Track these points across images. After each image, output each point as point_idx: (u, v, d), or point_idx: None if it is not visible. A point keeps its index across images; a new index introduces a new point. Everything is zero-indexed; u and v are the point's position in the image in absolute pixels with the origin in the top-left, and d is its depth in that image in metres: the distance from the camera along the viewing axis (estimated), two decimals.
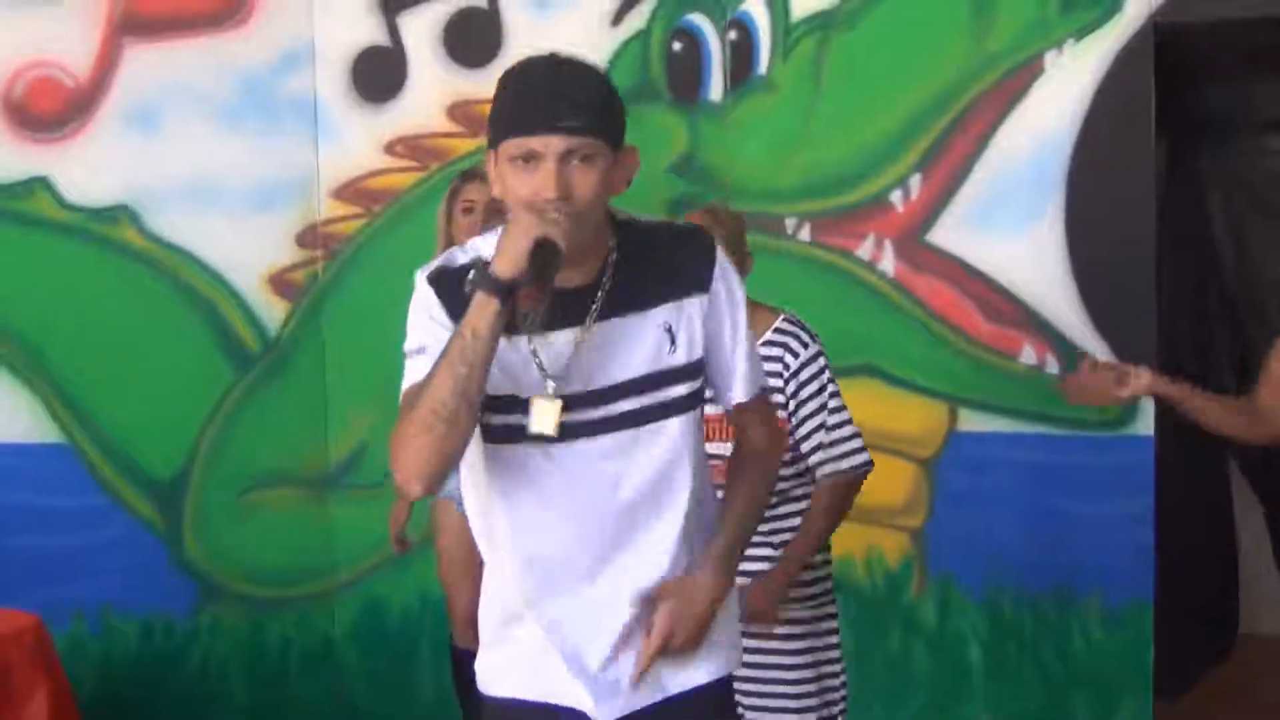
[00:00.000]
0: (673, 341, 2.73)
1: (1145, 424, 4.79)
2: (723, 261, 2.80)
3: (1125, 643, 4.87)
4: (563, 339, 2.70)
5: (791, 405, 3.73)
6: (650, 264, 2.74)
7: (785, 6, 5.08)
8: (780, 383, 3.72)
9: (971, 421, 4.98)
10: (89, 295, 5.21)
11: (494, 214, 4.45)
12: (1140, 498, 4.80)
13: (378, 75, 5.29)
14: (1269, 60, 5.02)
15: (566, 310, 2.65)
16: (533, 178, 2.57)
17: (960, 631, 5.03)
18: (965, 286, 4.93)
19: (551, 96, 2.57)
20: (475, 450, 2.75)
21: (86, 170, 5.18)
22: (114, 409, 5.22)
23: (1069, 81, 4.82)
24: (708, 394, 2.85)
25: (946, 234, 4.96)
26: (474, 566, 4.56)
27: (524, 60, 2.67)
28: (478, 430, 2.70)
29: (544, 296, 2.54)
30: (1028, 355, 4.92)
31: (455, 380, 2.52)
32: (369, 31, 5.28)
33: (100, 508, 5.22)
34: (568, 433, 2.70)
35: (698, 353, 2.76)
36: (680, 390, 2.75)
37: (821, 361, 3.78)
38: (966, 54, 4.92)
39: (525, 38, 5.19)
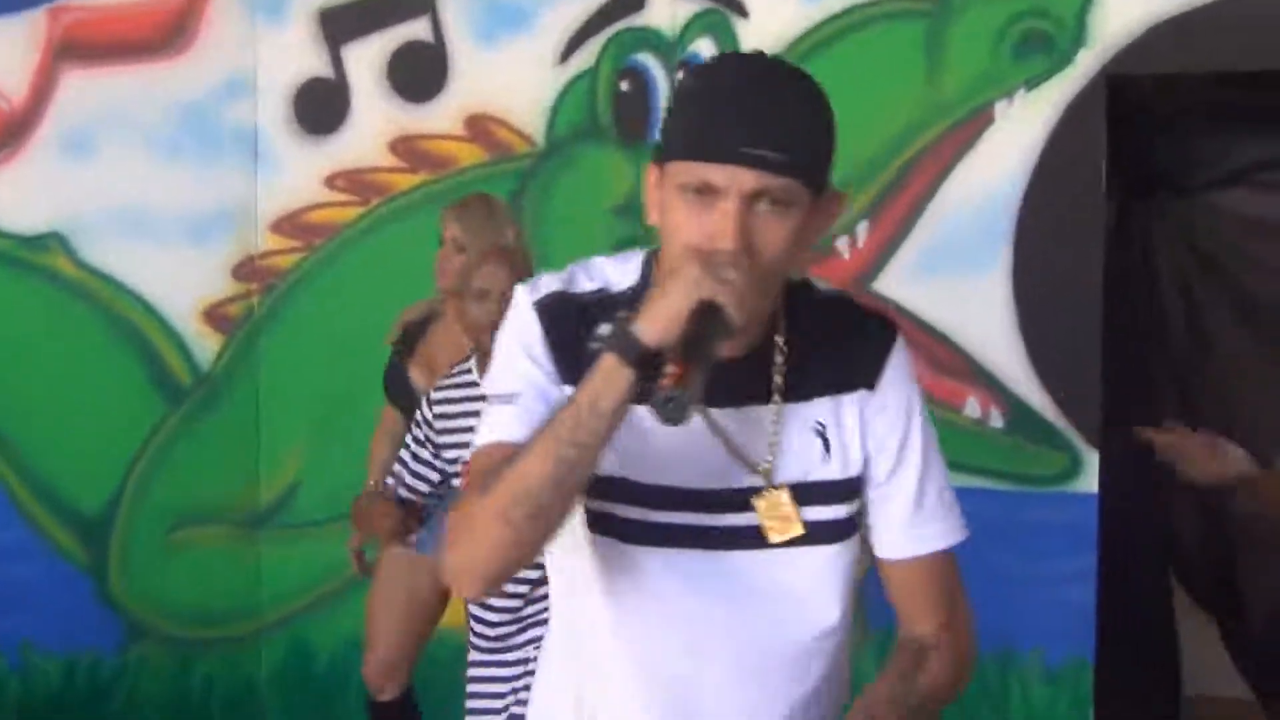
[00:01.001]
0: (826, 448, 2.09)
1: (1089, 481, 4.70)
2: (900, 356, 2.17)
3: (1064, 702, 4.77)
4: (739, 418, 2.06)
5: None
6: (820, 344, 2.11)
7: (735, 48, 4.94)
8: None
9: None
10: (17, 323, 5.13)
11: (457, 251, 4.25)
12: (1083, 555, 4.70)
13: (320, 107, 5.22)
14: (1220, 115, 4.93)
15: (724, 384, 2.01)
16: (705, 219, 1.94)
17: None
18: (910, 337, 4.73)
19: (749, 114, 1.93)
20: (581, 557, 2.13)
21: (18, 196, 5.11)
22: (40, 440, 5.13)
23: (1019, 132, 4.73)
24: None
25: (892, 283, 4.85)
26: (399, 618, 4.52)
27: (722, 57, 2.10)
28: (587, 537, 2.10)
29: (696, 378, 1.86)
30: (972, 408, 4.82)
31: (556, 466, 1.90)
32: (312, 63, 5.20)
33: (23, 541, 5.12)
34: (698, 539, 2.08)
35: (855, 468, 2.10)
36: (842, 511, 2.10)
37: None
38: (917, 101, 4.83)
39: (471, 72, 5.14)
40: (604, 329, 1.98)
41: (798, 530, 2.06)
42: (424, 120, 5.17)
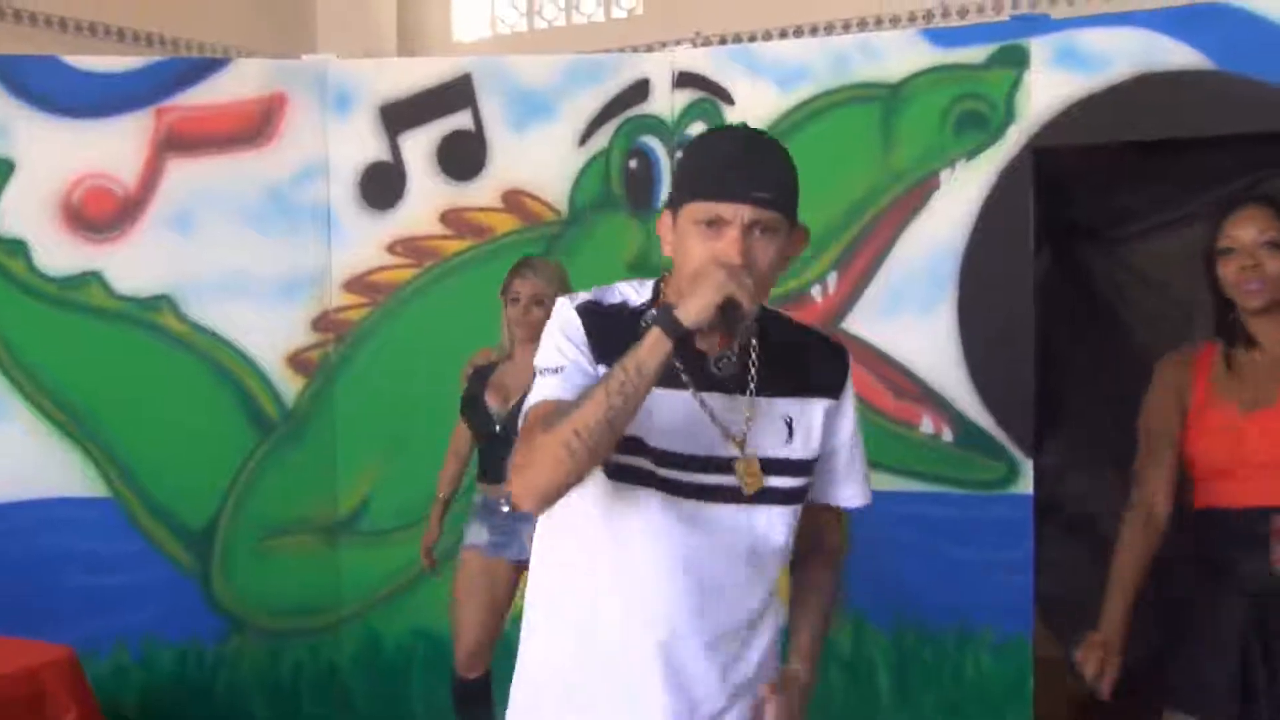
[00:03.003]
0: (790, 435, 2.45)
1: (1025, 484, 4.84)
2: (851, 374, 2.56)
3: (1009, 671, 4.89)
4: (727, 402, 2.42)
5: None
6: (786, 356, 2.47)
7: None
8: None
9: (881, 482, 4.78)
10: (135, 372, 5.22)
11: (535, 304, 4.65)
12: (1021, 546, 4.82)
13: (381, 186, 5.33)
14: (1128, 177, 5.02)
15: (716, 376, 2.42)
16: (715, 242, 2.30)
17: (872, 661, 5.06)
18: (874, 368, 4.97)
19: (747, 167, 2.33)
20: (595, 502, 2.43)
21: (133, 266, 5.20)
22: (155, 468, 5.23)
23: (961, 195, 4.89)
24: None
25: (859, 323, 5.01)
26: (482, 610, 4.71)
27: (719, 128, 2.53)
28: (605, 483, 2.41)
29: (728, 351, 2.36)
30: (926, 425, 4.96)
31: (610, 409, 2.21)
32: (374, 149, 5.33)
33: (142, 553, 5.22)
34: (708, 493, 2.42)
35: (813, 452, 2.48)
36: (795, 482, 2.46)
37: None
38: (875, 171, 4.99)
39: (506, 155, 5.29)
40: (650, 314, 2.33)
41: (760, 486, 2.41)
42: (468, 195, 5.27)
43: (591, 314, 2.43)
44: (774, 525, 2.47)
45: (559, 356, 2.41)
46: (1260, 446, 3.25)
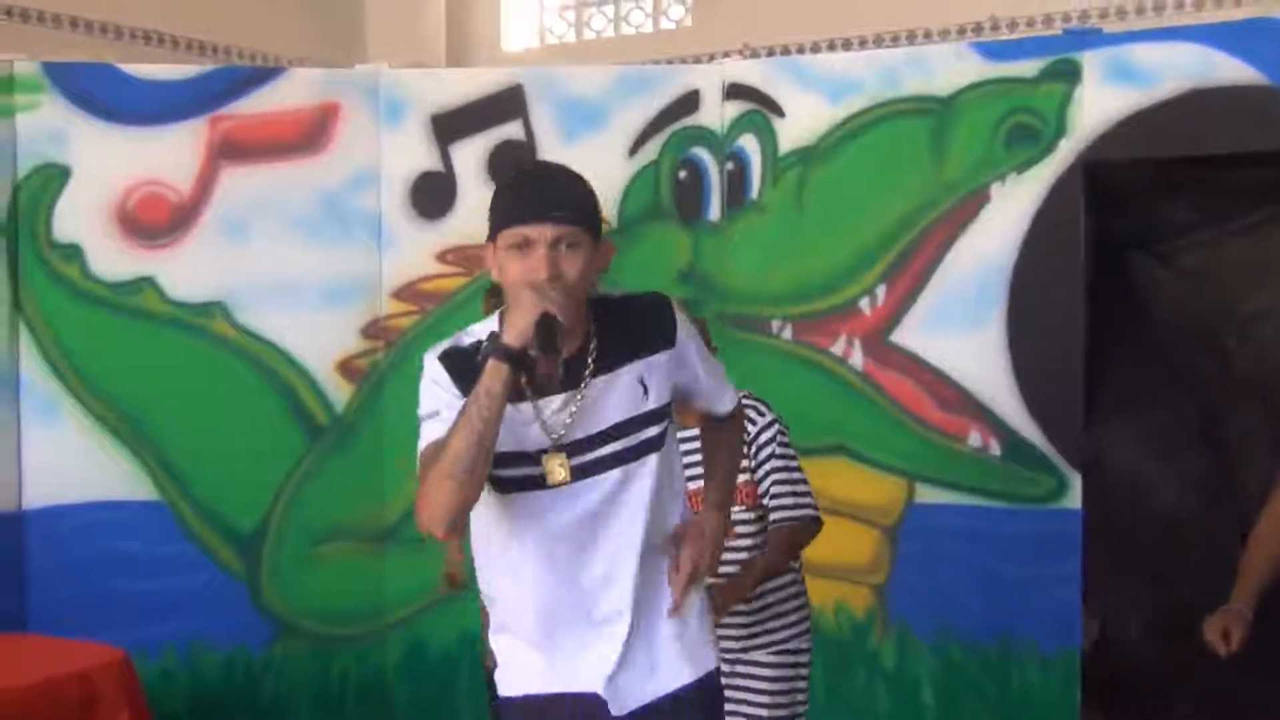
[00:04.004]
0: (645, 391, 2.76)
1: (1074, 499, 4.81)
2: (679, 315, 2.86)
3: (1056, 684, 4.86)
4: (559, 401, 2.73)
5: (753, 464, 3.77)
6: (623, 330, 2.78)
7: (774, 142, 5.14)
8: (744, 448, 3.73)
9: (927, 494, 5.00)
10: (186, 377, 5.24)
11: None
12: (1069, 561, 4.79)
13: (432, 195, 5.34)
14: (1176, 191, 5.01)
15: (565, 377, 2.69)
16: (527, 262, 2.62)
17: (916, 673, 5.04)
18: (922, 380, 4.98)
19: (543, 192, 2.68)
20: (486, 501, 2.76)
21: (186, 272, 5.22)
22: (205, 472, 5.24)
23: (1011, 208, 4.88)
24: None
25: (907, 335, 5.01)
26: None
27: (518, 168, 2.85)
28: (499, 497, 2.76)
29: (556, 363, 2.58)
30: (974, 439, 4.94)
31: (472, 434, 2.53)
32: (426, 159, 5.34)
33: (191, 556, 5.23)
34: (571, 474, 2.75)
35: (665, 398, 2.79)
36: (653, 431, 2.77)
37: (777, 428, 3.86)
38: (925, 184, 4.98)
39: None
40: (485, 346, 2.62)
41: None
42: None
43: (451, 358, 2.75)
44: (643, 473, 2.76)
45: (433, 403, 2.73)
46: None
